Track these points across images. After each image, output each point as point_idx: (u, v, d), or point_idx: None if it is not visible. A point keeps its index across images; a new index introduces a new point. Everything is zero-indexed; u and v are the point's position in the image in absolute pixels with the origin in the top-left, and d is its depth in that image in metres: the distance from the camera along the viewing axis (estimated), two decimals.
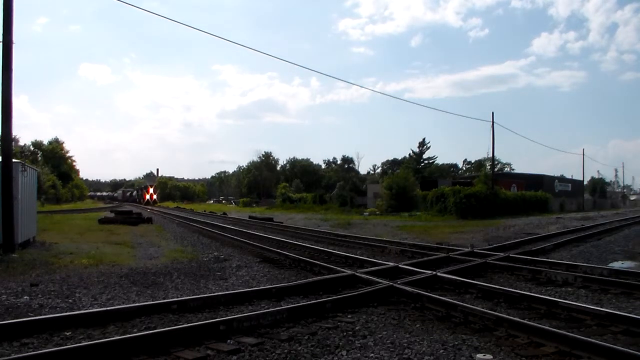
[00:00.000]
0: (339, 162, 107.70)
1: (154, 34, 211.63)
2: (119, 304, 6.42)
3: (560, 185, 65.86)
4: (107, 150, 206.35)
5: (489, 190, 36.73)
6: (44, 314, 5.83)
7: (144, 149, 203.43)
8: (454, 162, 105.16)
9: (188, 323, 5.38)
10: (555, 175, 71.39)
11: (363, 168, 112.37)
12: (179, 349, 4.56)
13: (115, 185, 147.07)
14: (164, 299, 6.80)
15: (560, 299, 6.65)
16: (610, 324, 5.38)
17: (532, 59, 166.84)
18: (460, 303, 6.05)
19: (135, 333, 4.97)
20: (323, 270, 9.23)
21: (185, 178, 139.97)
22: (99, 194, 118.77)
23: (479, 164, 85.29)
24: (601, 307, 6.05)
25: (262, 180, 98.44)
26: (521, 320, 5.28)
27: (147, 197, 76.92)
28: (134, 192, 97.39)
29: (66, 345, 4.62)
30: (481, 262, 9.87)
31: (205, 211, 46.37)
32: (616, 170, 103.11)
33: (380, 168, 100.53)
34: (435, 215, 34.31)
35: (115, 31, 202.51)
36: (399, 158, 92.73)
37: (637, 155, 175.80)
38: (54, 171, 66.44)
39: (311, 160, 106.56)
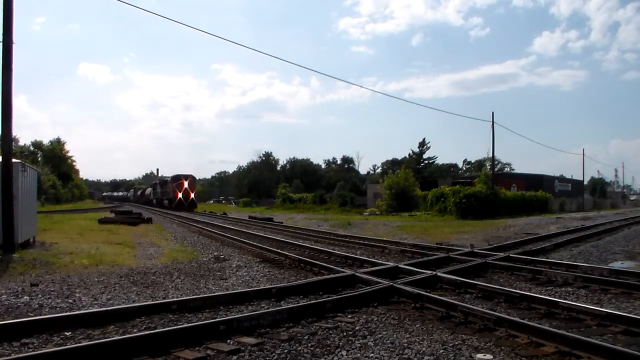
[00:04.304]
0: (339, 162, 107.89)
1: (153, 33, 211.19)
2: (119, 304, 6.42)
3: (560, 185, 65.83)
4: (107, 150, 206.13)
5: (489, 190, 36.72)
6: (44, 314, 5.83)
7: (144, 148, 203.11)
8: (454, 162, 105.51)
9: (188, 323, 5.39)
10: (555, 175, 71.43)
11: (363, 168, 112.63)
12: (179, 349, 4.55)
13: (115, 185, 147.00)
14: (164, 299, 6.80)
15: (560, 299, 6.66)
16: (610, 324, 5.38)
17: (533, 58, 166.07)
18: (460, 303, 6.06)
19: (136, 333, 4.98)
20: (323, 270, 9.24)
21: None
22: (115, 194, 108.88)
23: (479, 164, 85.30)
24: (601, 307, 6.06)
25: (262, 180, 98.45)
26: (521, 320, 5.28)
27: (180, 195, 50.50)
28: (148, 190, 71.47)
29: (66, 345, 4.62)
30: (481, 262, 9.87)
31: (205, 211, 46.36)
32: (616, 170, 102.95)
33: (380, 168, 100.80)
34: (435, 215, 34.32)
35: (114, 30, 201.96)
36: (399, 158, 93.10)
37: (637, 155, 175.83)
38: (54, 171, 66.33)
39: (311, 160, 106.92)
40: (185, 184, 51.53)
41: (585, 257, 11.81)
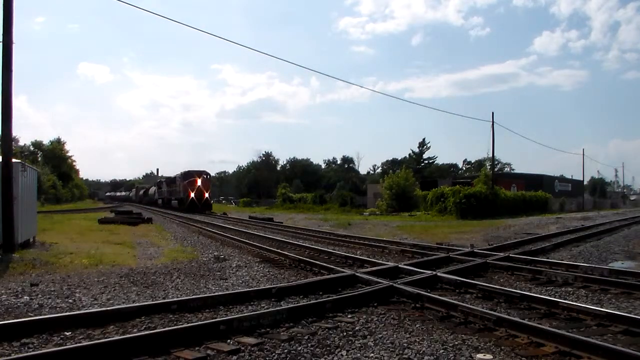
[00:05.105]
0: (339, 162, 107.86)
1: (153, 33, 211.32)
2: (119, 304, 6.42)
3: (560, 185, 65.93)
4: (107, 150, 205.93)
5: (489, 190, 36.71)
6: (44, 314, 5.83)
7: (144, 148, 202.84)
8: (454, 162, 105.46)
9: (188, 323, 5.39)
10: (555, 175, 71.54)
11: (363, 168, 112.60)
12: (179, 349, 4.55)
13: (115, 185, 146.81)
14: (164, 299, 6.80)
15: (560, 299, 6.66)
16: (610, 324, 5.38)
17: (534, 57, 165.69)
18: (461, 303, 6.06)
19: (136, 333, 4.98)
20: (323, 270, 9.24)
21: None
22: (118, 194, 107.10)
23: (479, 164, 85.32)
24: (601, 307, 6.06)
25: (262, 180, 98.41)
26: (521, 320, 5.29)
27: (193, 195, 43.01)
28: (152, 190, 65.61)
29: (66, 345, 4.62)
30: (481, 262, 9.87)
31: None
32: (616, 170, 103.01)
33: (380, 168, 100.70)
34: (435, 215, 34.32)
35: (113, 30, 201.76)
36: (399, 158, 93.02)
37: (637, 155, 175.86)
38: (54, 171, 66.30)
39: (311, 160, 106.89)
40: (199, 182, 43.76)
41: (585, 257, 11.81)
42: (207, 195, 43.91)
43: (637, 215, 33.34)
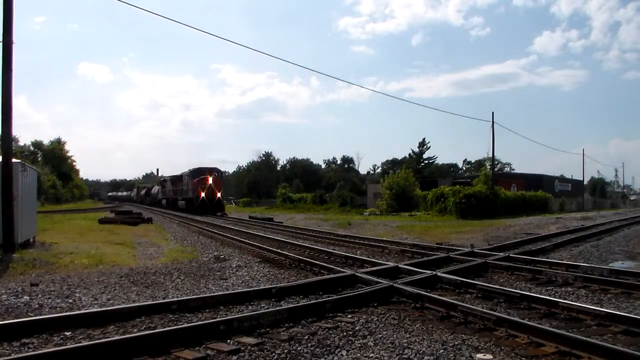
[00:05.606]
0: (339, 162, 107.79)
1: (153, 33, 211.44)
2: (119, 304, 6.42)
3: (560, 185, 65.93)
4: (107, 150, 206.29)
5: (489, 190, 36.72)
6: (44, 314, 5.83)
7: (144, 148, 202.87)
8: (454, 162, 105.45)
9: (188, 323, 5.39)
10: (555, 175, 71.55)
11: (363, 168, 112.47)
12: (179, 349, 4.55)
13: (115, 185, 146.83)
14: (164, 299, 6.80)
15: (560, 299, 6.66)
16: (610, 324, 5.38)
17: (534, 57, 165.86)
18: (460, 303, 6.06)
19: (136, 333, 4.98)
20: (323, 270, 9.24)
21: None
22: (120, 194, 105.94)
23: (479, 164, 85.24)
24: (601, 307, 6.06)
25: (262, 180, 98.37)
26: (521, 320, 5.29)
27: (203, 195, 38.80)
28: (155, 189, 62.52)
29: (66, 345, 4.62)
30: (481, 262, 9.88)
31: None
32: (616, 170, 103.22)
33: (380, 168, 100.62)
34: (435, 215, 34.32)
35: (113, 30, 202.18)
36: (399, 158, 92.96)
37: (637, 155, 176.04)
38: (54, 171, 66.27)
39: (311, 160, 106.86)
40: (210, 180, 39.21)
41: (585, 257, 11.81)
42: (219, 194, 39.74)
43: (637, 215, 33.34)
